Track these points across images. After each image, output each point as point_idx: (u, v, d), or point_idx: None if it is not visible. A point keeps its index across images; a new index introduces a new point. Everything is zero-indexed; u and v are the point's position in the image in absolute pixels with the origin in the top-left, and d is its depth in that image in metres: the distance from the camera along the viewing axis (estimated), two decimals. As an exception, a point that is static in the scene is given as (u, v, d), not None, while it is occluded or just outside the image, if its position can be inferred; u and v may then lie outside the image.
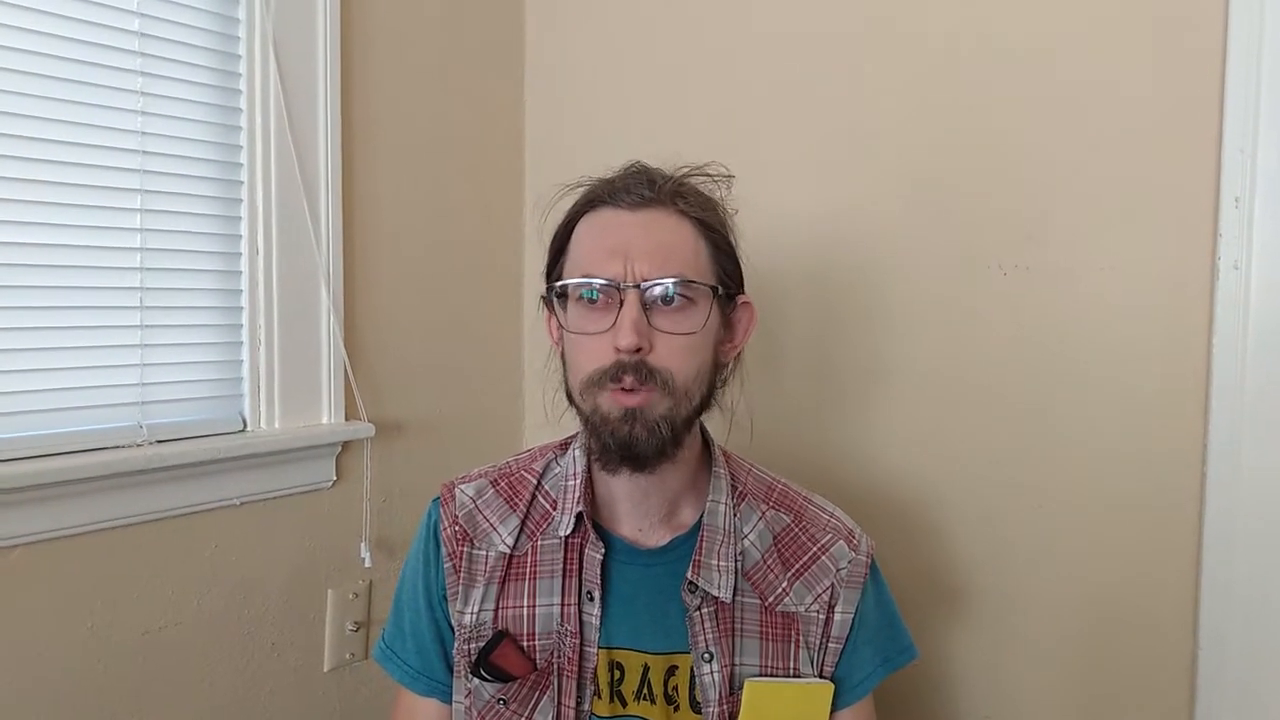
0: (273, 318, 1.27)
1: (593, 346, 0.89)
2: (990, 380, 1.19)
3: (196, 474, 1.19)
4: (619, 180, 0.94)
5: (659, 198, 0.91)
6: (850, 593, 0.98)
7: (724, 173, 0.98)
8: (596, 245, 0.91)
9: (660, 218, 0.91)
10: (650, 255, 0.89)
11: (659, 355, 0.88)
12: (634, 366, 0.87)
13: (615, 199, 0.92)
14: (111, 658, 1.14)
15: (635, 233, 0.90)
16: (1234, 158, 1.02)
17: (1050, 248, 1.14)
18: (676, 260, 0.90)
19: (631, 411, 0.88)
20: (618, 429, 0.88)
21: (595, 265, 0.90)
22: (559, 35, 1.57)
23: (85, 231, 1.12)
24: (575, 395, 0.93)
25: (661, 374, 0.88)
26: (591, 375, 0.89)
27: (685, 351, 0.90)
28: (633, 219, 0.91)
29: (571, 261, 0.94)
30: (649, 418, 0.88)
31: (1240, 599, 1.04)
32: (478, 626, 0.97)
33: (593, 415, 0.90)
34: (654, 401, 0.88)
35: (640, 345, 0.87)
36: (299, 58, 1.28)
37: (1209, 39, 1.03)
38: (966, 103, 1.19)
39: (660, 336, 0.88)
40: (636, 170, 0.95)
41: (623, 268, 0.88)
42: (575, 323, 0.91)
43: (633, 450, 0.89)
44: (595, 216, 0.93)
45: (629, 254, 0.89)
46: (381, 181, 1.40)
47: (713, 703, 0.94)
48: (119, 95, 1.13)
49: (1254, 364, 1.03)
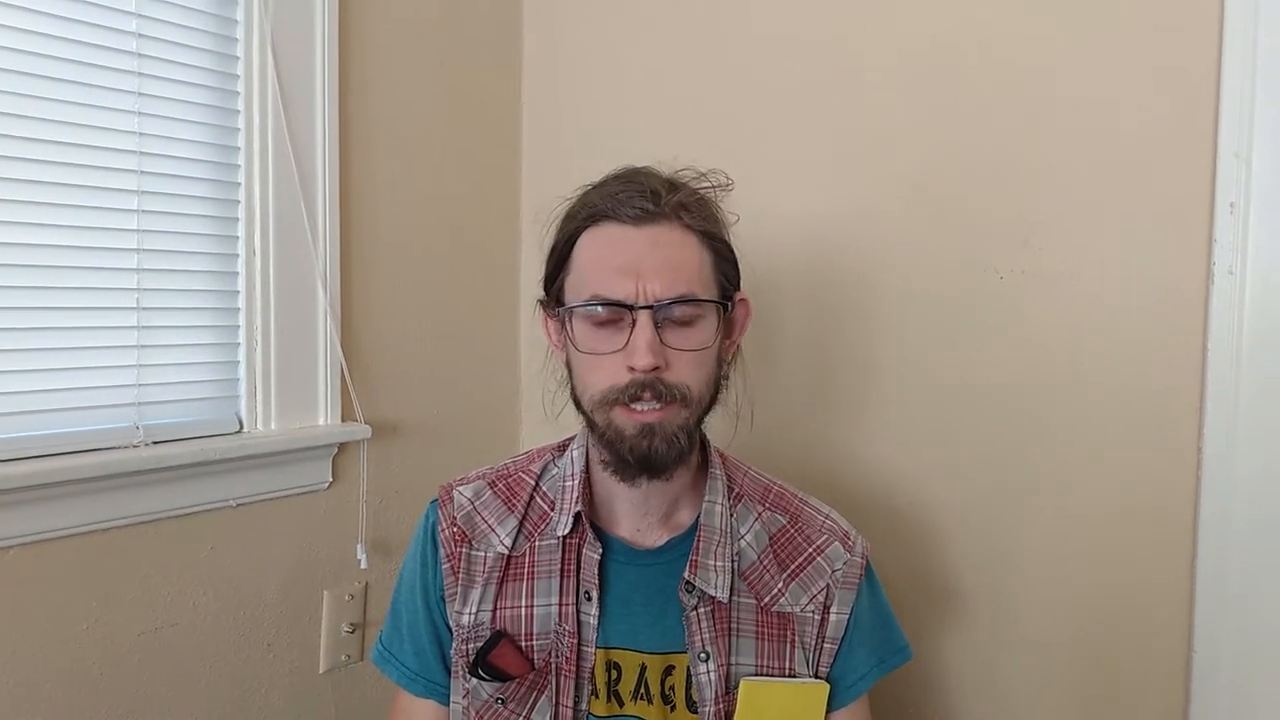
0: (269, 319, 1.27)
1: (604, 365, 0.89)
2: (986, 383, 1.20)
3: (192, 475, 1.19)
4: (619, 191, 0.92)
5: (663, 211, 0.90)
6: (845, 594, 0.98)
7: (724, 182, 0.97)
8: (604, 264, 0.90)
9: (666, 233, 0.91)
10: (660, 273, 0.88)
11: (674, 371, 0.89)
12: (651, 384, 0.88)
13: (618, 213, 0.90)
14: (107, 658, 1.14)
15: (643, 250, 0.89)
16: (1229, 163, 1.03)
17: (1047, 252, 1.15)
18: (685, 277, 0.90)
19: (649, 427, 0.89)
20: (636, 445, 0.89)
21: (605, 285, 0.89)
22: (557, 37, 1.57)
23: (82, 232, 1.12)
24: (586, 409, 0.93)
25: (679, 389, 0.89)
26: (606, 393, 0.89)
27: (698, 365, 0.91)
28: (639, 235, 0.90)
29: (576, 278, 0.93)
30: (668, 431, 0.89)
31: (1234, 601, 1.05)
32: (476, 627, 0.97)
33: (607, 430, 0.91)
34: (672, 416, 0.89)
35: (658, 365, 0.87)
36: (297, 59, 1.28)
37: (1204, 45, 1.04)
38: (964, 108, 1.19)
39: (672, 353, 0.89)
40: (634, 179, 0.93)
41: (634, 287, 0.88)
42: (585, 342, 0.91)
43: (652, 463, 0.90)
44: (599, 232, 0.92)
45: (639, 272, 0.88)
46: (379, 183, 1.40)
47: (709, 702, 0.94)
48: (116, 96, 1.13)
49: (1248, 368, 1.03)
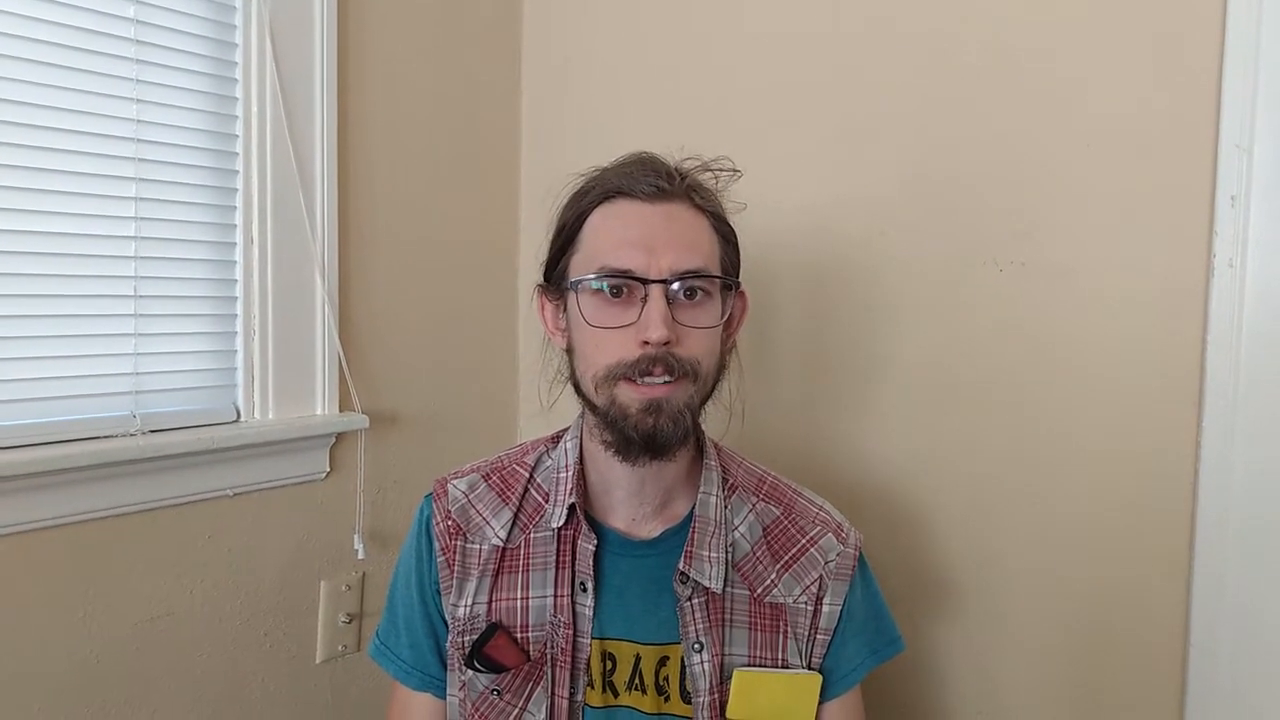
0: (267, 308, 1.27)
1: (613, 339, 0.89)
2: (984, 376, 1.19)
3: (190, 464, 1.19)
4: (633, 170, 0.92)
5: (676, 190, 0.91)
6: (838, 585, 0.98)
7: (731, 167, 0.98)
8: (616, 236, 0.90)
9: (679, 210, 0.91)
10: (673, 247, 0.89)
11: (685, 347, 0.89)
12: (663, 359, 0.87)
13: (632, 189, 0.91)
14: (103, 648, 1.14)
15: (657, 224, 0.90)
16: (1230, 155, 1.02)
17: (1046, 244, 1.14)
18: (698, 253, 0.90)
19: (655, 403, 0.88)
20: (640, 421, 0.88)
21: (617, 257, 0.89)
22: (556, 27, 1.56)
23: (80, 220, 1.11)
24: (588, 388, 0.92)
25: (689, 363, 0.89)
26: (612, 367, 0.89)
27: (706, 342, 0.91)
28: (653, 211, 0.90)
29: (586, 254, 0.92)
30: (674, 407, 0.89)
31: (1231, 598, 1.05)
32: (471, 619, 0.97)
33: (610, 408, 0.90)
34: (680, 391, 0.89)
35: (670, 339, 0.87)
36: (295, 47, 1.27)
37: (1206, 36, 1.03)
38: (963, 99, 1.19)
39: (682, 329, 0.89)
40: (647, 160, 0.94)
41: (646, 260, 0.88)
42: (595, 316, 0.90)
43: (656, 441, 0.89)
44: (611, 207, 0.92)
45: (652, 246, 0.88)
46: (377, 172, 1.40)
47: (702, 692, 0.94)
48: (115, 84, 1.13)
49: (1248, 362, 1.03)
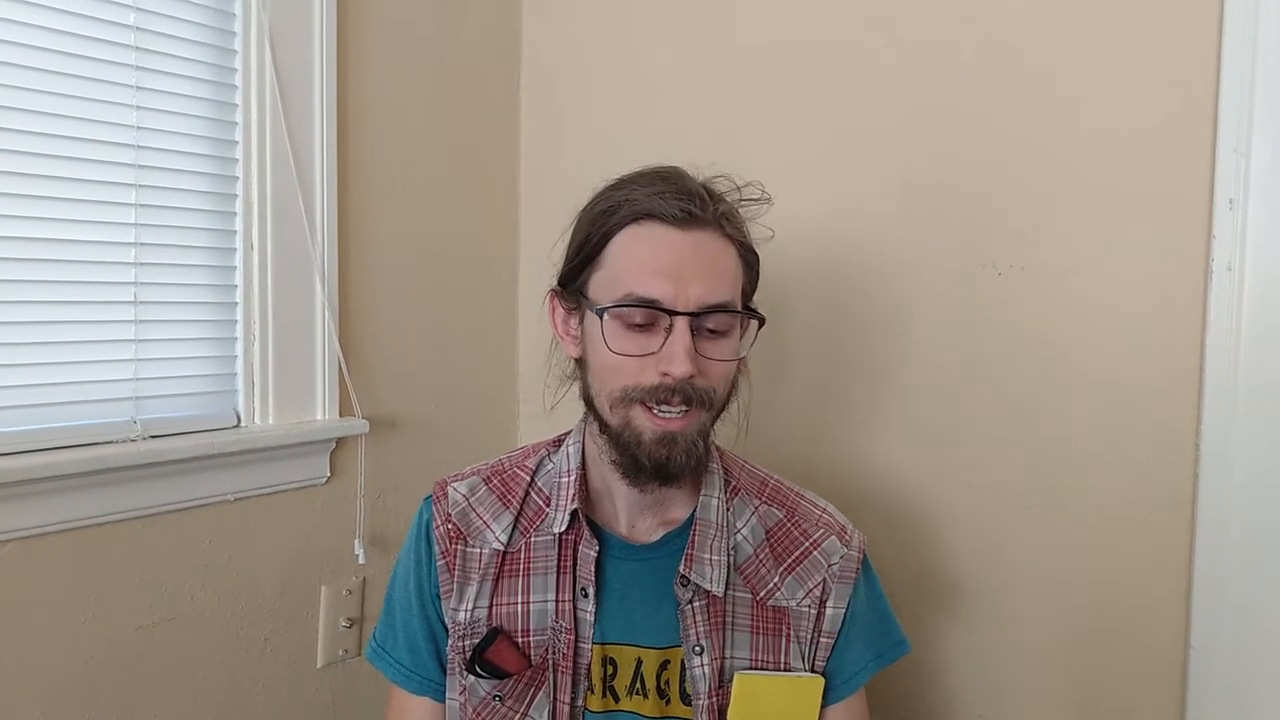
0: (267, 313, 1.27)
1: (632, 364, 0.88)
2: (984, 378, 1.19)
3: (190, 469, 1.19)
4: (662, 190, 0.90)
5: (707, 217, 0.89)
6: (842, 588, 0.98)
7: (764, 196, 0.96)
8: (644, 263, 0.88)
9: (708, 239, 0.90)
10: (702, 278, 0.88)
11: (704, 377, 0.89)
12: (681, 389, 0.87)
13: (663, 213, 0.88)
14: (104, 653, 1.14)
15: (686, 253, 0.88)
16: (1228, 159, 1.03)
17: (1045, 248, 1.14)
18: (725, 285, 0.90)
19: (671, 435, 0.88)
20: (654, 451, 0.88)
21: (644, 285, 0.88)
22: (556, 33, 1.57)
23: (79, 226, 1.11)
24: (601, 405, 0.92)
25: (706, 392, 0.89)
26: (629, 390, 0.89)
27: (724, 371, 0.91)
28: (683, 239, 0.89)
29: (611, 274, 0.91)
30: (688, 439, 0.89)
31: (1231, 600, 1.05)
32: (472, 624, 0.97)
33: (624, 430, 0.90)
34: (693, 422, 0.89)
35: (694, 373, 0.87)
36: (295, 53, 1.27)
37: (1204, 40, 1.04)
38: (961, 105, 1.19)
39: (703, 362, 0.88)
40: (674, 178, 0.92)
41: (674, 290, 0.87)
42: (616, 342, 0.89)
43: (668, 470, 0.90)
44: (640, 229, 0.90)
45: (680, 275, 0.87)
46: (377, 177, 1.40)
47: (703, 695, 0.94)
48: (114, 89, 1.13)
49: (1247, 365, 1.03)
